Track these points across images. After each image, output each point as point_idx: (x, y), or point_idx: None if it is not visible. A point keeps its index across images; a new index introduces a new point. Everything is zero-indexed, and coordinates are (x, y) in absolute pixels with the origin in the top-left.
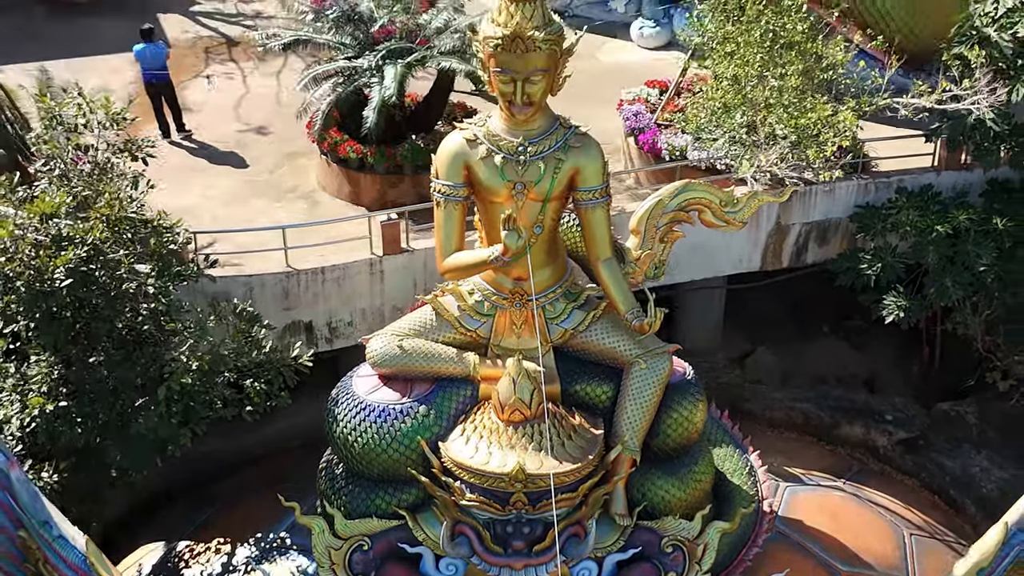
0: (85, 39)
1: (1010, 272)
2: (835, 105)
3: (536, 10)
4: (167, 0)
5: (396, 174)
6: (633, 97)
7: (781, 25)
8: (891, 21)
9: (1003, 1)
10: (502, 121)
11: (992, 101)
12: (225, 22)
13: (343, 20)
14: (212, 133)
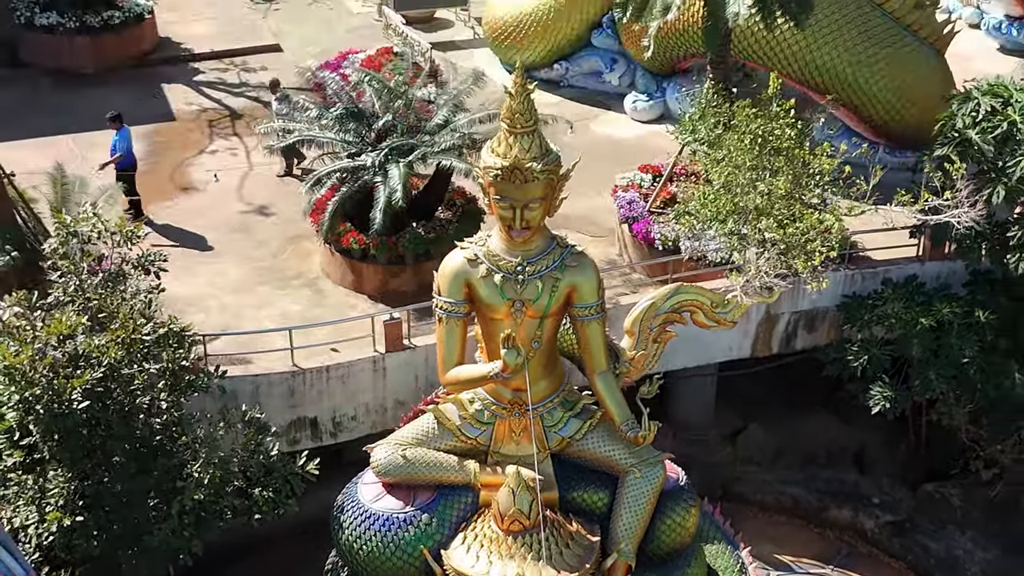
0: (91, 111)
1: (992, 364)
2: (822, 211)
3: (534, 142)
4: (171, 70)
5: (398, 264)
6: (627, 183)
7: (770, 130)
8: (878, 104)
9: (983, 104)
10: (501, 241)
11: (973, 215)
12: (229, 93)
13: (347, 117)
14: (217, 215)
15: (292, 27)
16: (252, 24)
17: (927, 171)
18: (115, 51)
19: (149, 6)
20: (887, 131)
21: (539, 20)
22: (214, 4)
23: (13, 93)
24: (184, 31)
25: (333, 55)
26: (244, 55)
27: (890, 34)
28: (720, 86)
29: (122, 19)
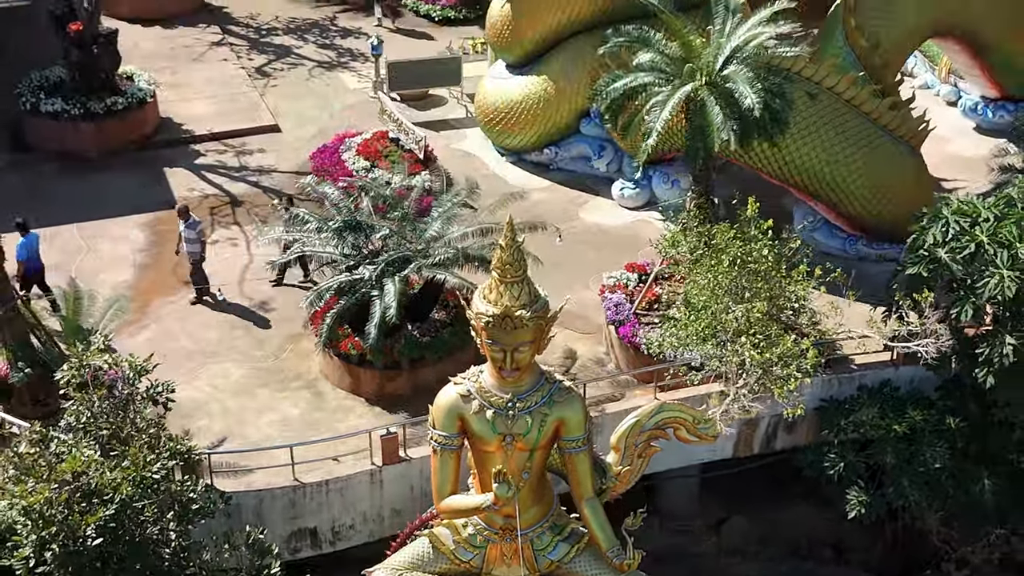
0: (96, 198)
1: (963, 471)
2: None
3: (523, 290)
4: (172, 153)
5: (394, 368)
6: (614, 282)
7: (748, 252)
8: (855, 201)
9: (952, 224)
10: (492, 378)
11: (939, 345)
12: (228, 177)
13: (345, 229)
14: (219, 310)
15: (290, 104)
16: (251, 102)
17: (897, 298)
18: (118, 135)
19: (151, 90)
20: (865, 225)
21: (529, 108)
22: (213, 81)
23: (19, 178)
24: (185, 110)
25: (330, 136)
26: (243, 136)
27: (866, 134)
28: (702, 200)
29: (125, 105)
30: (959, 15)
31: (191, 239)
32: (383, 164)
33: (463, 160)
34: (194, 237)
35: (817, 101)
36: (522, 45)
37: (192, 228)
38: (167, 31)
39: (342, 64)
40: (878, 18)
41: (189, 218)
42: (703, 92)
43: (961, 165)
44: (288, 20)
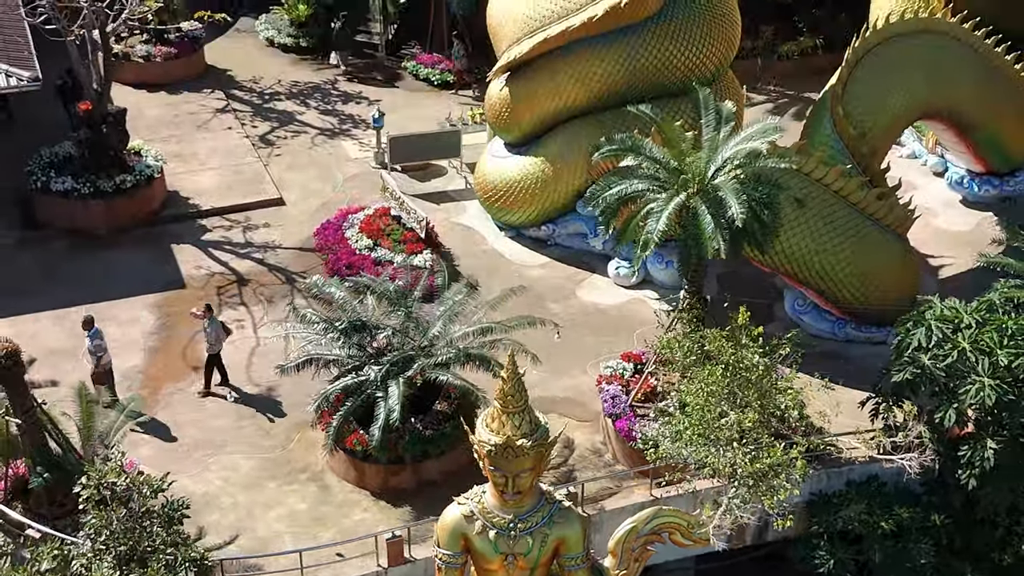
0: (106, 277)
1: (948, 567)
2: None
3: (524, 419)
4: (180, 230)
5: (398, 463)
6: (610, 373)
7: (740, 359)
8: (844, 288)
9: (935, 330)
10: (495, 499)
11: (921, 461)
12: (234, 254)
13: (351, 330)
14: (228, 398)
15: (294, 175)
16: (255, 173)
17: (882, 411)
18: (127, 213)
19: (159, 166)
20: (853, 310)
21: (527, 188)
22: (218, 151)
23: (31, 256)
24: (191, 183)
25: (334, 210)
26: (249, 210)
27: (854, 224)
28: (695, 301)
29: (134, 183)
30: (946, 99)
31: (92, 350)
32: (385, 243)
33: (463, 234)
34: (93, 348)
35: (806, 199)
36: (520, 127)
37: (92, 339)
38: (172, 97)
39: (344, 132)
40: (865, 106)
41: (92, 328)
42: (695, 201)
43: (948, 240)
44: (290, 84)
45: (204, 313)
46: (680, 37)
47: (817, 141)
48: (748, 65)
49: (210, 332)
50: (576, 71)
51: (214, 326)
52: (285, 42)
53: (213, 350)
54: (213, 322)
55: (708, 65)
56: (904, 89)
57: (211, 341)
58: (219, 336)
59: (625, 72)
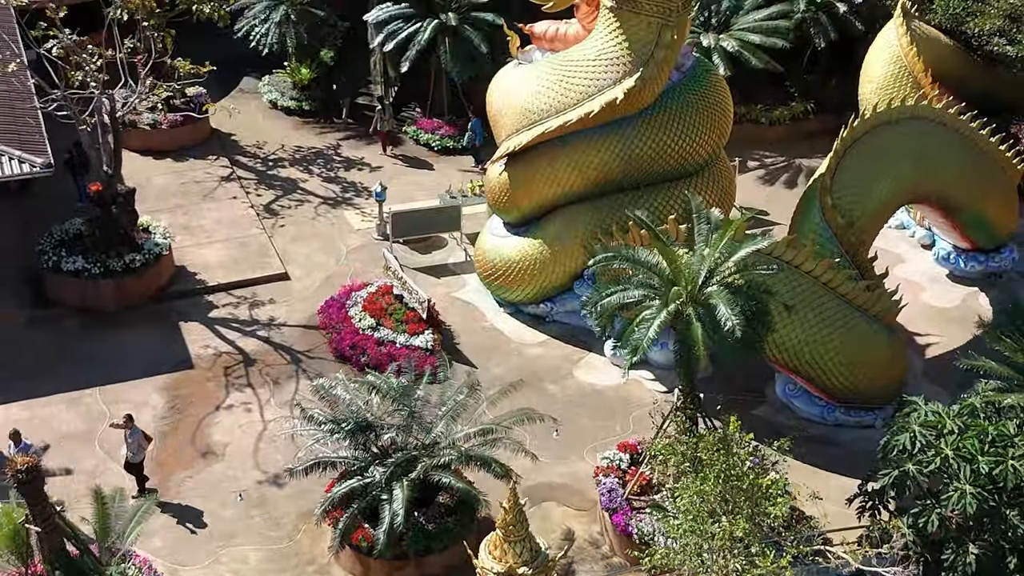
0: (117, 357)
1: None
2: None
3: (525, 547)
4: (187, 307)
5: (402, 559)
6: (607, 464)
7: (732, 465)
8: (832, 376)
9: (919, 436)
10: None
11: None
12: (241, 332)
13: (357, 431)
14: (236, 486)
15: (298, 247)
16: (260, 247)
17: (867, 520)
18: (136, 291)
19: (167, 243)
20: (841, 396)
21: (526, 269)
22: (224, 222)
23: (42, 335)
24: (198, 258)
25: (338, 285)
26: (254, 285)
27: (843, 315)
28: (688, 403)
29: (143, 261)
30: (932, 184)
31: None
32: (388, 323)
33: (463, 311)
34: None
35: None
36: (519, 210)
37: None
38: (178, 164)
39: (346, 200)
40: (854, 195)
41: (20, 443)
42: (688, 309)
43: (935, 317)
44: (294, 149)
45: (125, 423)
46: (673, 127)
47: (806, 229)
48: (742, 130)
49: (131, 442)
50: (573, 160)
51: (135, 436)
52: (288, 105)
53: (135, 459)
54: (135, 432)
55: (701, 153)
56: (891, 177)
57: (132, 451)
58: (140, 445)
59: (620, 161)
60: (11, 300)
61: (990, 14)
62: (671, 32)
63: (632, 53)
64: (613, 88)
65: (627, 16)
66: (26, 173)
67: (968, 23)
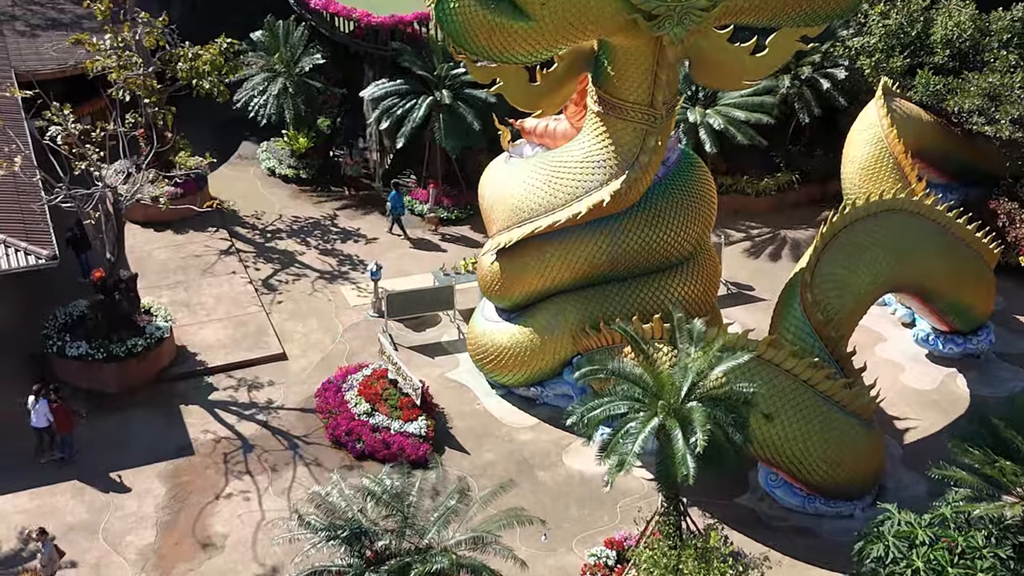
0: (119, 443)
1: None
2: None
3: None
4: (187, 389)
5: None
6: (595, 562)
7: None
8: (812, 471)
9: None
10: None
11: None
12: (240, 415)
13: (352, 538)
14: None
15: (295, 325)
16: (258, 326)
17: None
18: (138, 374)
19: (168, 327)
20: (821, 488)
21: (516, 355)
22: (223, 299)
23: None
24: (198, 337)
25: (334, 365)
26: (253, 366)
27: (822, 412)
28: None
29: (145, 346)
30: (909, 276)
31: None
32: (382, 408)
33: (456, 393)
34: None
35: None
36: (510, 299)
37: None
38: (178, 236)
39: (342, 275)
40: (833, 290)
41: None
42: (670, 423)
43: (913, 400)
44: (291, 220)
45: (39, 536)
46: (660, 223)
47: (788, 323)
48: (729, 201)
49: (44, 555)
50: (562, 254)
51: (47, 549)
52: (286, 173)
53: (45, 572)
54: (47, 546)
55: (686, 246)
56: (870, 270)
57: (43, 563)
58: (52, 558)
59: (608, 256)
60: (17, 383)
61: (969, 92)
62: (655, 138)
63: (618, 156)
64: (600, 190)
65: (613, 121)
66: (31, 265)
67: (948, 100)
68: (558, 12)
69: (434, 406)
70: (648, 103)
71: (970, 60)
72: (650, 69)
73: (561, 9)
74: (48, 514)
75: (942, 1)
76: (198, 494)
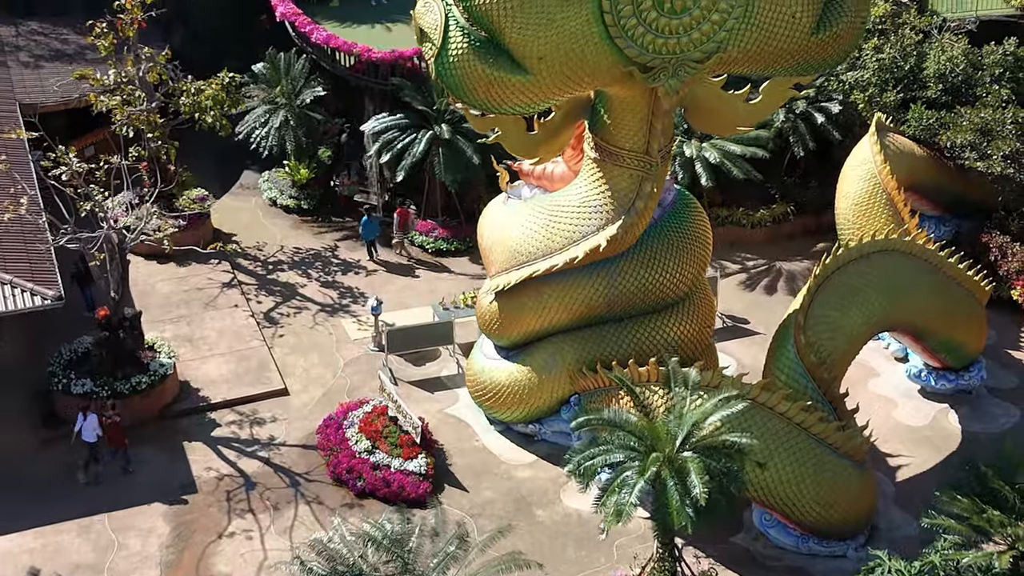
0: (124, 480)
1: None
2: None
3: None
4: (190, 425)
5: None
6: None
7: None
8: (805, 512)
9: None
10: None
11: None
12: (242, 452)
13: None
14: None
15: (296, 359)
16: (260, 361)
17: None
18: (142, 410)
19: (172, 363)
20: (814, 529)
21: (515, 393)
22: (226, 333)
23: (51, 458)
24: (201, 373)
25: (335, 400)
26: (255, 401)
27: (815, 454)
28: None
29: (149, 383)
30: (901, 316)
31: None
32: (383, 446)
33: (455, 429)
34: None
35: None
36: (508, 338)
37: None
38: (181, 269)
39: (343, 307)
40: (826, 332)
41: None
42: (664, 472)
43: (906, 436)
44: (292, 251)
45: None
46: (655, 264)
47: (781, 365)
48: (725, 233)
49: None
50: (560, 296)
51: None
52: (287, 204)
53: None
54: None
55: (682, 287)
56: (862, 312)
57: None
58: None
59: (605, 298)
60: (23, 420)
61: (962, 127)
62: (651, 184)
63: (614, 202)
64: (597, 235)
65: (609, 167)
66: (37, 306)
67: (941, 135)
68: (555, 66)
69: (434, 442)
70: (644, 150)
71: (963, 94)
72: (646, 118)
73: (558, 63)
74: (54, 553)
75: (935, 35)
76: (201, 533)
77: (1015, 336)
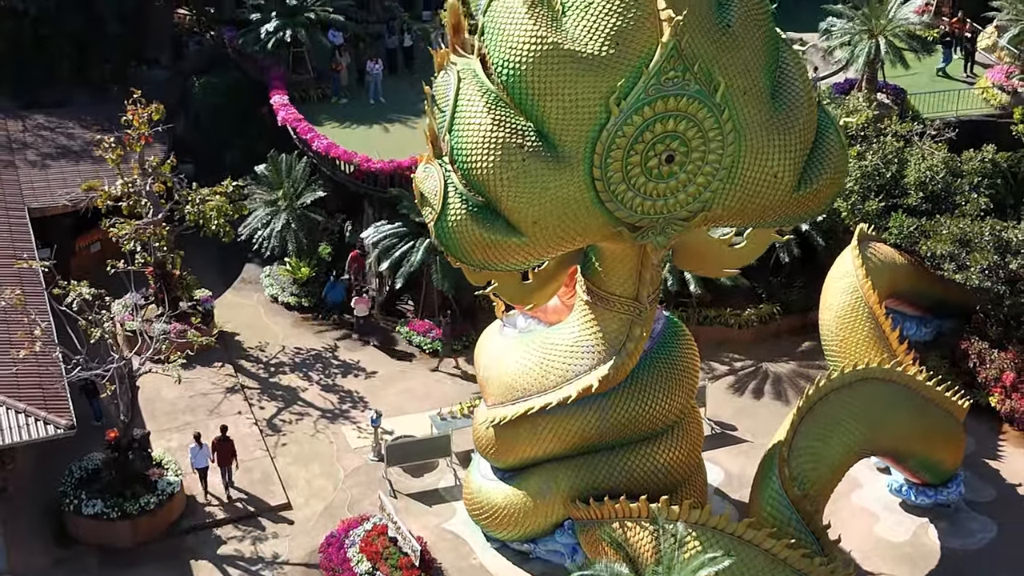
0: None
1: None
2: None
3: None
4: (197, 543)
5: None
6: None
7: None
8: None
9: None
10: None
11: None
12: (247, 571)
13: None
14: None
15: (298, 470)
16: (264, 473)
17: None
18: (151, 529)
19: (179, 481)
20: None
21: (510, 515)
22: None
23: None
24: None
25: (336, 515)
26: (259, 516)
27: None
28: None
29: (157, 502)
30: (881, 442)
31: None
32: (383, 568)
33: (453, 546)
34: None
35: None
36: (504, 463)
37: None
38: (185, 372)
39: (344, 413)
40: (809, 462)
41: None
42: None
43: (887, 553)
44: (293, 352)
45: None
46: (645, 397)
47: (766, 497)
48: (713, 332)
49: None
50: (553, 428)
51: None
52: (288, 301)
53: None
54: None
55: (672, 415)
56: (843, 442)
57: None
58: None
59: (597, 429)
60: (36, 539)
61: (941, 236)
62: (640, 328)
63: (605, 343)
64: (588, 375)
65: (601, 311)
66: (49, 435)
67: (921, 244)
68: (549, 228)
69: (432, 562)
70: (634, 297)
71: (943, 201)
72: (635, 268)
73: (552, 226)
74: None
75: (915, 142)
76: None
77: (993, 445)
